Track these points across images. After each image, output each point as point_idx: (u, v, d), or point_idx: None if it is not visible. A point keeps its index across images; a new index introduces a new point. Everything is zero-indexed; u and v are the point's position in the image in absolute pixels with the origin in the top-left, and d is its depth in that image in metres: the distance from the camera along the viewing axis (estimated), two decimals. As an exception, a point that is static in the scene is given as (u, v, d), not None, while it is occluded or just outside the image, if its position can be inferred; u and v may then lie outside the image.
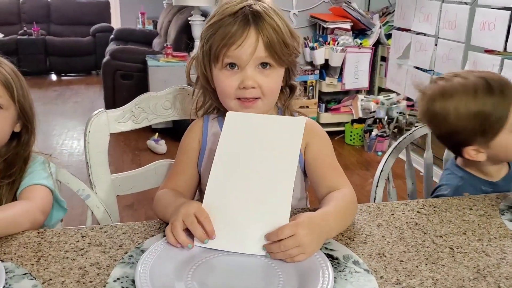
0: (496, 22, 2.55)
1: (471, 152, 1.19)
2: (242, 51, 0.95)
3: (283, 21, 0.98)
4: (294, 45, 1.00)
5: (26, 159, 1.09)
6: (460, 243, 0.88)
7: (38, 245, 0.84)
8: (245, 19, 0.94)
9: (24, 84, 1.11)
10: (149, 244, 0.84)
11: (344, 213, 0.91)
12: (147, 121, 1.24)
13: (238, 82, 0.97)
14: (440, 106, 1.19)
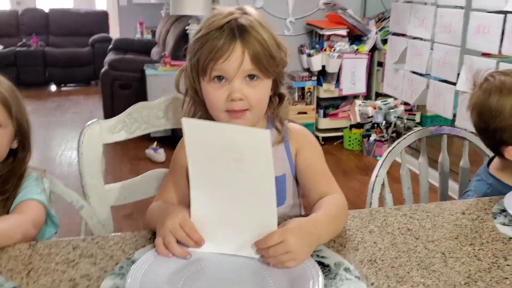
0: (490, 25, 2.56)
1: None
2: (229, 64, 0.95)
3: (269, 33, 0.99)
4: (281, 56, 1.01)
5: (21, 176, 1.09)
6: (452, 248, 0.88)
7: (28, 258, 0.84)
8: (231, 33, 0.95)
9: (21, 101, 1.12)
10: (140, 254, 0.84)
11: (335, 219, 0.92)
12: (140, 131, 1.24)
13: (226, 95, 0.97)
14: (497, 101, 1.15)
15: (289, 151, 1.07)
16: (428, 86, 3.16)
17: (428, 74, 3.16)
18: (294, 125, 1.11)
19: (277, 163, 1.04)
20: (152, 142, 3.94)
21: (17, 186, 1.08)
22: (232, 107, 0.98)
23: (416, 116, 4.00)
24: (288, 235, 0.79)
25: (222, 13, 0.98)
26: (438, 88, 3.03)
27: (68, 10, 7.22)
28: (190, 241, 0.84)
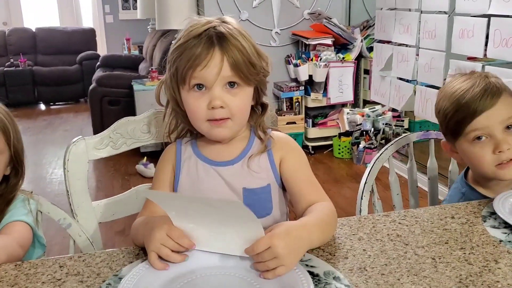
0: (474, 29, 2.58)
1: (447, 146, 1.19)
2: (208, 71, 0.95)
3: (249, 42, 0.99)
4: (262, 65, 1.01)
5: (9, 201, 1.08)
6: (442, 253, 0.88)
7: (14, 278, 0.82)
8: (209, 40, 0.95)
9: (17, 127, 1.12)
10: (127, 271, 0.82)
11: (325, 224, 0.91)
12: (125, 146, 1.23)
13: (206, 103, 0.97)
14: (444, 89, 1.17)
15: (273, 160, 1.06)
16: (415, 91, 3.18)
17: (414, 80, 3.18)
18: (277, 133, 1.10)
19: (260, 173, 1.04)
20: (142, 157, 3.93)
21: (4, 210, 1.06)
22: (213, 116, 0.97)
23: (404, 122, 4.02)
24: (275, 240, 0.79)
25: (200, 22, 0.98)
26: (425, 93, 3.04)
27: (55, 28, 7.21)
28: (181, 248, 0.84)
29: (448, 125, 1.14)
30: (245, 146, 1.07)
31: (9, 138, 1.07)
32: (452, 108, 1.12)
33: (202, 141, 1.08)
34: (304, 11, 4.22)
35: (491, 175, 1.12)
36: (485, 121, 1.08)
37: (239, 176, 1.04)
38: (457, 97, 1.11)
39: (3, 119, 1.06)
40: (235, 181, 1.04)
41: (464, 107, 1.09)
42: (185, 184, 1.06)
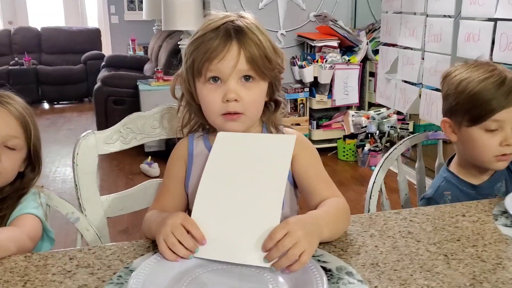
0: (480, 33, 2.58)
1: (446, 124, 1.23)
2: (224, 64, 0.95)
3: (266, 37, 0.99)
4: (277, 61, 1.01)
5: (20, 196, 1.08)
6: (454, 250, 0.87)
7: (24, 269, 0.82)
8: (227, 33, 0.95)
9: (37, 124, 1.12)
10: (138, 263, 0.82)
11: (336, 218, 0.91)
12: (135, 141, 1.23)
13: (221, 96, 0.97)
14: (458, 70, 1.21)
15: None
16: (420, 95, 3.17)
17: (420, 83, 3.18)
18: (289, 131, 1.10)
19: None
20: (147, 156, 3.93)
21: (15, 204, 1.06)
22: (227, 109, 0.97)
23: (409, 125, 4.01)
24: (292, 225, 0.79)
25: (218, 16, 0.99)
26: (430, 96, 3.04)
27: (60, 28, 7.22)
28: (188, 240, 0.81)
29: (468, 112, 1.16)
30: None
31: (29, 135, 1.07)
32: (477, 98, 1.14)
33: (214, 136, 1.08)
34: (310, 13, 4.22)
35: (486, 163, 1.19)
36: (505, 115, 1.13)
37: None
38: (484, 89, 1.14)
39: (25, 117, 1.06)
40: None
41: (491, 101, 1.13)
42: (197, 178, 1.05)
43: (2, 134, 1.02)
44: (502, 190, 1.25)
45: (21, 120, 1.05)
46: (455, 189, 1.23)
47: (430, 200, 1.24)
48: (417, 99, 3.22)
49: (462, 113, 1.17)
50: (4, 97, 1.06)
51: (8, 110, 1.04)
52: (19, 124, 1.05)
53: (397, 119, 3.94)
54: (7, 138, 1.03)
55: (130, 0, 7.59)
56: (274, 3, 4.14)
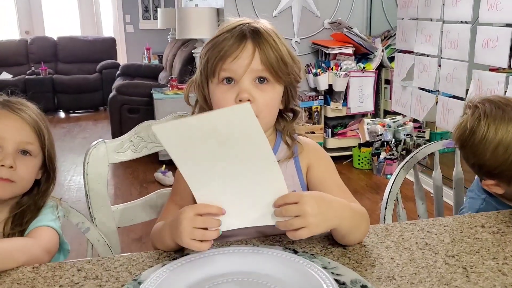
0: (498, 39, 2.54)
1: (489, 184, 1.13)
2: (238, 63, 0.92)
3: (282, 43, 0.97)
4: (294, 67, 0.98)
5: (39, 208, 1.07)
6: (473, 262, 0.84)
7: (32, 281, 0.81)
8: (242, 33, 0.93)
9: (50, 131, 1.11)
10: (147, 275, 0.80)
11: (358, 215, 0.90)
12: (146, 150, 1.22)
13: (234, 96, 0.94)
14: (486, 125, 1.08)
15: (299, 166, 1.03)
16: (437, 102, 3.12)
17: (436, 91, 3.13)
18: (304, 139, 1.07)
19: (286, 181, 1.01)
20: (161, 165, 3.93)
21: (35, 216, 1.05)
22: None
23: (425, 133, 3.96)
24: (305, 198, 0.78)
25: (235, 20, 0.98)
26: (447, 104, 2.99)
27: (76, 37, 7.30)
28: (212, 221, 0.82)
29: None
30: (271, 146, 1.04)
31: (43, 142, 1.06)
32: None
33: None
34: (325, 20, 4.21)
35: None
36: None
37: None
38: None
39: (39, 123, 1.06)
40: None
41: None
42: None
43: (17, 140, 1.01)
44: None
45: (34, 126, 1.05)
46: (495, 209, 1.13)
47: None
48: (433, 106, 3.17)
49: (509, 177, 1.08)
50: (16, 103, 1.06)
51: (21, 116, 1.04)
52: (32, 130, 1.04)
53: (413, 127, 3.89)
54: (22, 145, 1.02)
55: (145, 9, 7.66)
56: (288, 11, 4.13)
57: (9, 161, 0.99)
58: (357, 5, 4.26)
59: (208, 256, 0.84)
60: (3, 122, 1.02)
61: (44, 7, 7.53)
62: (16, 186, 1.02)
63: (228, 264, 0.83)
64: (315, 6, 4.17)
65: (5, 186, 1.00)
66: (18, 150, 1.02)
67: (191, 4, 5.45)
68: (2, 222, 1.04)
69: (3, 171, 0.99)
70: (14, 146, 1.01)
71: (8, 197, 1.02)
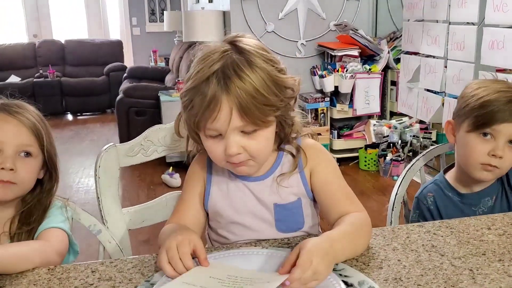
0: (505, 40, 2.54)
1: (449, 125, 1.28)
2: (219, 124, 0.89)
3: (264, 74, 0.89)
4: (282, 96, 0.93)
5: (46, 207, 1.10)
6: (480, 264, 0.85)
7: (48, 282, 0.83)
8: (216, 86, 0.87)
9: (50, 131, 1.13)
10: (159, 277, 0.82)
11: (353, 237, 0.89)
12: (156, 153, 1.24)
13: (223, 149, 0.92)
14: (481, 80, 1.28)
15: (303, 174, 1.03)
16: (443, 103, 3.13)
17: (442, 92, 3.14)
18: (307, 142, 1.05)
19: (291, 189, 1.02)
20: (168, 167, 3.96)
21: (42, 217, 1.08)
22: (232, 161, 0.93)
23: (432, 135, 3.96)
24: (314, 256, 0.77)
25: (210, 56, 0.91)
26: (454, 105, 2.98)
27: (83, 40, 7.36)
28: (189, 261, 0.82)
29: (472, 117, 1.19)
30: (273, 161, 1.04)
31: (42, 142, 1.08)
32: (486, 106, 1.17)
33: None
34: (330, 22, 4.22)
35: (471, 169, 1.21)
36: (503, 128, 1.16)
37: (269, 192, 1.02)
38: (495, 100, 1.16)
39: (36, 124, 1.08)
40: (266, 197, 1.03)
41: (497, 113, 1.16)
42: (216, 197, 1.05)
43: (16, 143, 1.04)
44: (488, 205, 1.25)
45: (32, 128, 1.07)
46: (440, 192, 1.27)
47: (417, 200, 1.30)
48: (440, 107, 3.18)
49: (467, 117, 1.20)
50: (13, 107, 1.08)
51: (18, 119, 1.06)
52: (31, 132, 1.06)
53: (420, 128, 3.89)
54: (21, 147, 1.05)
55: (151, 12, 7.70)
56: (294, 13, 4.15)
57: (9, 164, 1.01)
58: (362, 7, 4.27)
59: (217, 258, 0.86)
60: (1, 126, 1.04)
61: (52, 11, 7.59)
62: (17, 188, 1.04)
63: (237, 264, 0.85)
64: (321, 8, 4.19)
65: (6, 188, 1.02)
66: (18, 152, 1.04)
67: (198, 7, 5.48)
68: (8, 221, 1.07)
69: (3, 174, 1.01)
70: (14, 149, 1.03)
71: (10, 198, 1.05)
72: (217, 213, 1.05)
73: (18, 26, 7.49)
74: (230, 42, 0.94)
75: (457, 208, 1.25)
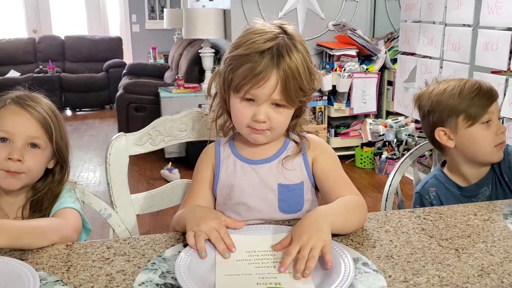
0: (498, 42, 2.62)
1: (441, 133, 1.30)
2: (262, 91, 1.00)
3: (306, 61, 1.03)
4: (312, 86, 1.06)
5: (56, 196, 1.16)
6: (465, 245, 0.93)
7: (67, 256, 0.90)
8: (270, 60, 0.99)
9: (62, 123, 1.18)
10: (171, 252, 0.89)
11: (347, 209, 0.98)
12: (163, 143, 1.31)
13: (252, 114, 1.03)
14: (432, 87, 1.34)
15: (307, 160, 1.13)
16: (439, 103, 3.20)
17: (438, 92, 3.21)
18: (311, 136, 1.17)
19: (294, 172, 1.11)
20: (167, 162, 4.02)
21: (53, 204, 1.14)
22: (255, 126, 1.05)
23: (427, 134, 4.03)
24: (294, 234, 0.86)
25: (264, 33, 1.01)
26: (448, 105, 3.06)
27: (83, 36, 7.41)
28: (222, 244, 0.89)
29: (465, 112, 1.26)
30: (280, 146, 1.14)
31: (51, 135, 1.14)
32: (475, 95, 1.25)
33: (239, 141, 1.15)
34: (329, 22, 4.30)
35: (489, 155, 1.28)
36: (494, 108, 1.27)
37: (274, 173, 1.11)
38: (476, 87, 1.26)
39: (46, 117, 1.13)
40: (271, 178, 1.11)
41: (486, 95, 1.26)
42: (225, 180, 1.13)
43: (24, 135, 1.10)
44: (486, 194, 1.33)
45: (41, 121, 1.12)
46: (441, 186, 1.33)
47: (418, 195, 1.35)
48: (435, 107, 3.24)
49: (458, 115, 1.27)
50: (26, 100, 1.14)
51: (29, 112, 1.12)
52: (39, 125, 1.12)
53: (415, 127, 3.97)
54: (29, 139, 1.11)
55: (151, 9, 7.76)
56: (293, 12, 4.22)
57: (17, 155, 1.08)
58: (361, 7, 4.35)
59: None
60: (13, 118, 1.11)
61: (52, 7, 7.64)
62: (25, 177, 1.11)
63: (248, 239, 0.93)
64: (319, 8, 4.26)
65: (14, 178, 1.09)
66: (26, 144, 1.10)
67: (198, 5, 5.55)
68: (20, 208, 1.14)
69: (11, 164, 1.08)
70: (22, 140, 1.10)
71: (18, 187, 1.11)
72: (226, 195, 1.12)
73: (18, 21, 7.53)
74: (280, 27, 1.04)
75: (458, 201, 1.31)
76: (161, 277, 0.82)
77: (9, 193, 1.13)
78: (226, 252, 0.88)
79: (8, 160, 1.07)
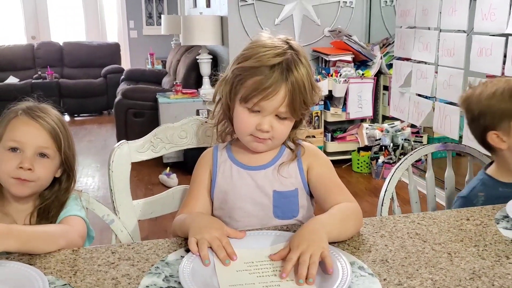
0: (492, 48, 2.66)
1: (494, 136, 1.31)
2: (270, 104, 1.05)
3: (309, 77, 1.08)
4: (313, 100, 1.11)
5: (63, 204, 1.19)
6: (457, 249, 0.96)
7: (73, 261, 0.93)
8: (280, 75, 1.03)
9: (69, 133, 1.22)
10: (173, 257, 0.92)
11: (342, 218, 1.01)
12: (165, 150, 1.34)
13: (256, 123, 1.08)
14: (480, 91, 1.34)
15: (301, 167, 1.16)
16: (434, 108, 3.24)
17: (433, 97, 3.25)
18: (306, 144, 1.20)
19: (289, 178, 1.14)
20: (165, 167, 4.04)
21: (59, 212, 1.18)
22: (258, 135, 1.09)
23: (423, 138, 4.08)
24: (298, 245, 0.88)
25: (273, 48, 1.06)
26: (444, 110, 3.11)
27: (81, 43, 7.45)
28: (223, 251, 0.91)
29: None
30: (276, 153, 1.17)
31: (60, 145, 1.17)
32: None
33: (236, 146, 1.19)
34: (325, 28, 4.34)
35: None
36: None
37: (270, 180, 1.14)
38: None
39: (55, 128, 1.17)
40: (266, 184, 1.14)
41: None
42: (221, 185, 1.16)
43: (34, 145, 1.14)
44: None
45: (51, 132, 1.16)
46: (491, 190, 1.33)
47: (465, 199, 1.36)
48: (430, 112, 3.29)
49: (511, 118, 1.29)
50: (36, 110, 1.18)
51: (39, 123, 1.15)
52: (49, 135, 1.16)
53: (411, 132, 4.01)
54: (39, 149, 1.14)
55: (149, 16, 7.81)
56: (290, 19, 4.26)
57: (28, 164, 1.11)
58: (356, 13, 4.40)
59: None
60: (23, 128, 1.14)
61: (50, 13, 7.69)
62: (35, 185, 1.14)
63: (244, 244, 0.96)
64: (315, 14, 4.31)
65: (24, 185, 1.13)
66: (36, 153, 1.14)
67: (195, 12, 5.59)
68: (28, 215, 1.17)
69: (22, 173, 1.11)
70: (33, 150, 1.13)
71: (27, 194, 1.15)
72: (222, 200, 1.16)
73: (17, 28, 7.56)
74: (285, 42, 1.09)
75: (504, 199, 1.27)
76: (164, 280, 0.85)
77: (18, 200, 1.17)
78: (227, 259, 0.90)
79: (19, 169, 1.11)
